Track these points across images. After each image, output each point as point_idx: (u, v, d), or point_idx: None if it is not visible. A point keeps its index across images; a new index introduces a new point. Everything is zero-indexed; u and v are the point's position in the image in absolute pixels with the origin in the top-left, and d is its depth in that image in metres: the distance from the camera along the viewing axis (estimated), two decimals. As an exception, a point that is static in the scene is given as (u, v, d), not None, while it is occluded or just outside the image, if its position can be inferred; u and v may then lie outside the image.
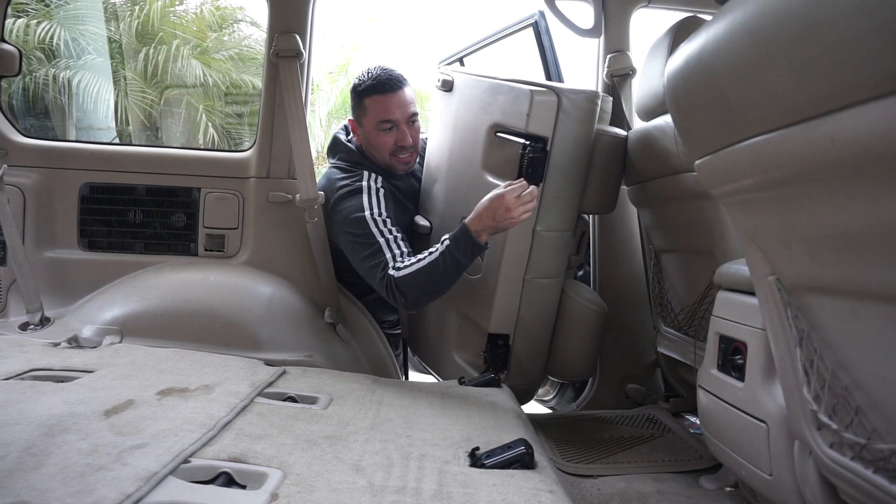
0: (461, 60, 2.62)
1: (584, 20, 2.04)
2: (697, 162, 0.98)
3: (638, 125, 1.80)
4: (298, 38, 1.94)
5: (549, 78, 2.31)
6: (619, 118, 2.07)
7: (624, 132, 1.81)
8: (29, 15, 8.42)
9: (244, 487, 0.97)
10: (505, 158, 1.73)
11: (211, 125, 9.65)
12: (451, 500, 0.94)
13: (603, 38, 2.14)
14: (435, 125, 2.10)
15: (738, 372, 1.18)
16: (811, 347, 0.87)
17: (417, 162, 2.08)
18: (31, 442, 0.99)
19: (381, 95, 1.87)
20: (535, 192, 1.59)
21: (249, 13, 10.32)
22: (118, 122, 9.36)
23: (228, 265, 2.02)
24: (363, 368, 1.93)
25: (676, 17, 1.63)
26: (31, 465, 0.91)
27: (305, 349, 1.85)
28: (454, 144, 1.96)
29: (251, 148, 2.06)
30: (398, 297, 1.67)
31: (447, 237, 1.63)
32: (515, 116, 1.69)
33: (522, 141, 1.67)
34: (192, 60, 9.48)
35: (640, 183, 1.77)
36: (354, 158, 1.96)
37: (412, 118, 1.92)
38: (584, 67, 2.29)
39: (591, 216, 2.09)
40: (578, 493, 1.38)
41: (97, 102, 8.83)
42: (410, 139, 1.92)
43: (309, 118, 2.04)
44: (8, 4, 1.95)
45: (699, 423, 1.41)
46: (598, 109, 1.70)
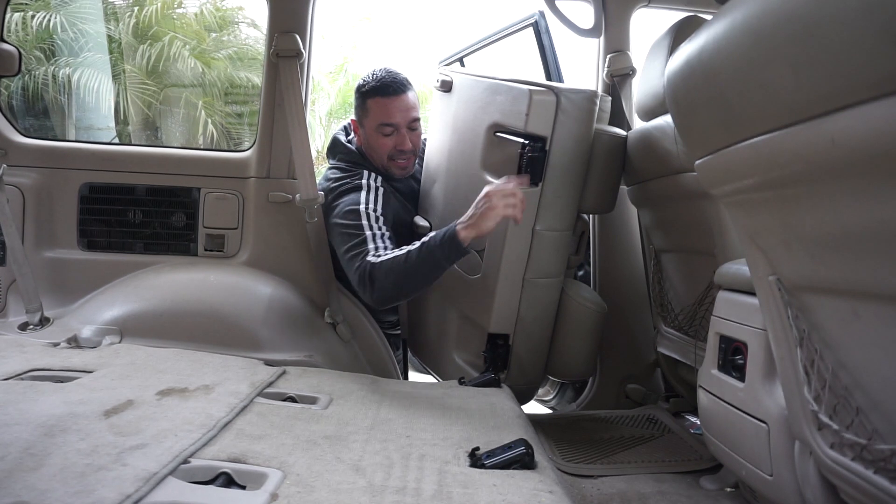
0: (461, 60, 2.62)
1: (584, 20, 2.05)
2: (697, 162, 0.98)
3: (638, 125, 1.80)
4: (298, 37, 1.94)
5: (549, 78, 2.31)
6: (619, 118, 2.07)
7: (623, 132, 1.81)
8: (28, 6, 8.41)
9: (244, 488, 0.97)
10: (504, 158, 1.73)
11: (210, 122, 9.66)
12: (451, 500, 0.94)
13: (603, 38, 2.14)
14: (434, 125, 2.10)
15: (738, 372, 1.18)
16: (811, 347, 0.87)
17: (416, 163, 2.08)
18: (30, 442, 0.98)
19: (383, 98, 1.87)
20: (522, 183, 1.56)
21: (249, 13, 10.34)
22: (118, 120, 9.37)
23: (228, 265, 2.02)
24: (363, 368, 1.93)
25: (676, 17, 1.63)
26: (30, 465, 0.91)
27: (305, 349, 1.85)
28: (453, 144, 1.96)
29: (251, 148, 2.06)
30: (368, 286, 1.64)
31: (433, 236, 1.61)
32: (514, 116, 1.69)
33: (521, 140, 1.67)
34: (191, 59, 9.49)
35: (640, 183, 1.77)
36: (354, 159, 1.96)
37: (413, 123, 1.92)
38: (584, 67, 2.29)
39: (590, 216, 2.09)
40: (578, 493, 1.38)
41: (97, 100, 8.83)
42: (410, 144, 1.92)
43: (309, 118, 2.04)
44: (7, 4, 1.95)
45: (699, 423, 1.41)
46: (596, 109, 1.70)
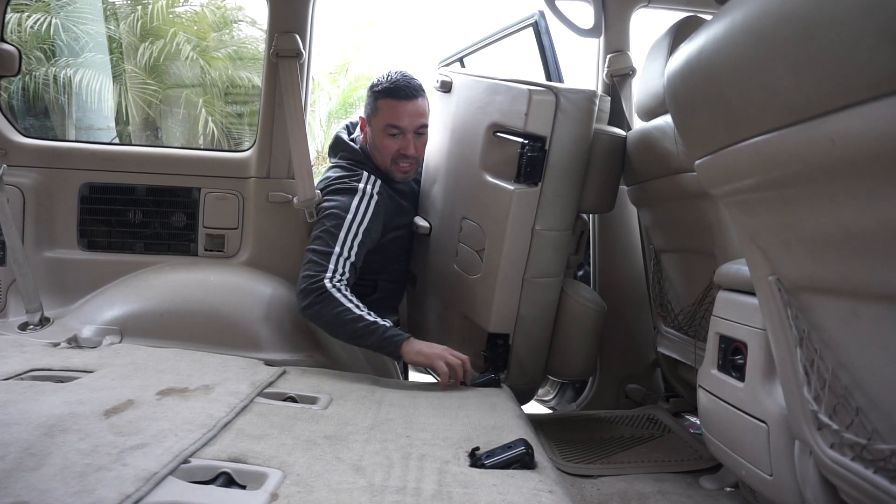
0: (461, 61, 2.62)
1: (584, 20, 2.05)
2: (697, 162, 0.98)
3: (638, 125, 1.80)
4: (298, 38, 1.94)
5: (549, 78, 2.31)
6: (619, 118, 2.07)
7: (622, 132, 1.81)
8: (28, 6, 8.41)
9: (244, 487, 0.97)
10: (503, 158, 1.73)
11: (211, 121, 9.67)
12: (451, 500, 0.94)
13: (603, 38, 2.14)
14: (434, 126, 2.10)
15: (738, 372, 1.18)
16: (811, 347, 0.87)
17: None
18: (30, 442, 0.98)
19: (394, 100, 1.88)
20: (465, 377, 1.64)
21: (249, 13, 10.35)
22: (118, 120, 9.38)
23: (228, 265, 2.02)
24: (363, 368, 1.93)
25: (676, 17, 1.63)
26: (30, 465, 0.91)
27: (305, 349, 1.85)
28: (453, 145, 1.96)
29: (251, 148, 2.07)
30: (309, 299, 1.69)
31: (391, 327, 1.67)
32: (514, 116, 1.69)
33: (521, 140, 1.67)
34: (192, 54, 9.50)
35: (640, 183, 1.77)
36: (357, 157, 1.96)
37: (421, 129, 1.93)
38: (584, 67, 2.29)
39: (590, 216, 2.09)
40: (578, 493, 1.38)
41: (98, 100, 8.83)
42: (414, 149, 1.92)
43: (309, 118, 2.04)
44: (7, 4, 1.95)
45: (699, 423, 1.41)
46: (596, 109, 1.70)
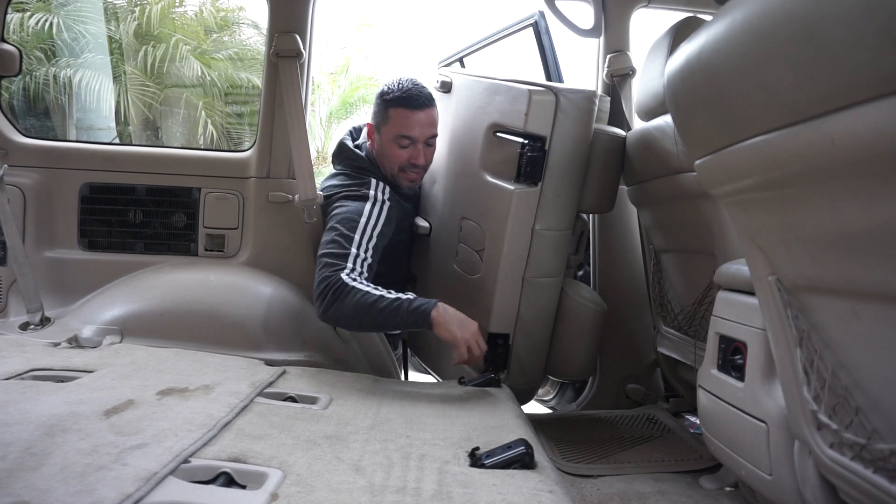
0: (461, 61, 2.62)
1: (584, 20, 2.05)
2: (697, 162, 0.98)
3: (638, 125, 1.80)
4: (298, 38, 1.94)
5: (549, 78, 2.31)
6: (618, 118, 2.07)
7: (622, 132, 1.81)
8: (29, 6, 8.41)
9: (244, 487, 0.97)
10: (503, 158, 1.73)
11: (210, 122, 9.67)
12: (451, 500, 0.94)
13: (603, 38, 2.14)
14: (434, 126, 2.10)
15: (738, 372, 1.18)
16: (811, 347, 0.87)
17: None
18: (31, 442, 0.98)
19: (406, 110, 1.85)
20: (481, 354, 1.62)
21: (250, 14, 10.35)
22: (119, 120, 9.37)
23: (228, 265, 2.02)
24: (363, 368, 1.93)
25: (676, 17, 1.63)
26: (31, 465, 0.91)
27: (305, 349, 1.85)
28: (453, 145, 1.96)
29: (251, 148, 2.06)
30: (328, 298, 1.61)
31: (415, 298, 1.61)
32: (514, 116, 1.69)
33: (521, 140, 1.68)
34: (190, 58, 9.50)
35: (639, 183, 1.77)
36: (362, 165, 1.94)
37: (431, 139, 1.91)
38: (584, 67, 2.29)
39: (590, 216, 2.10)
40: (578, 493, 1.38)
41: (98, 101, 8.83)
42: (423, 159, 1.91)
43: (309, 118, 2.04)
44: (8, 4, 1.95)
45: (699, 423, 1.41)
46: (595, 109, 1.71)
